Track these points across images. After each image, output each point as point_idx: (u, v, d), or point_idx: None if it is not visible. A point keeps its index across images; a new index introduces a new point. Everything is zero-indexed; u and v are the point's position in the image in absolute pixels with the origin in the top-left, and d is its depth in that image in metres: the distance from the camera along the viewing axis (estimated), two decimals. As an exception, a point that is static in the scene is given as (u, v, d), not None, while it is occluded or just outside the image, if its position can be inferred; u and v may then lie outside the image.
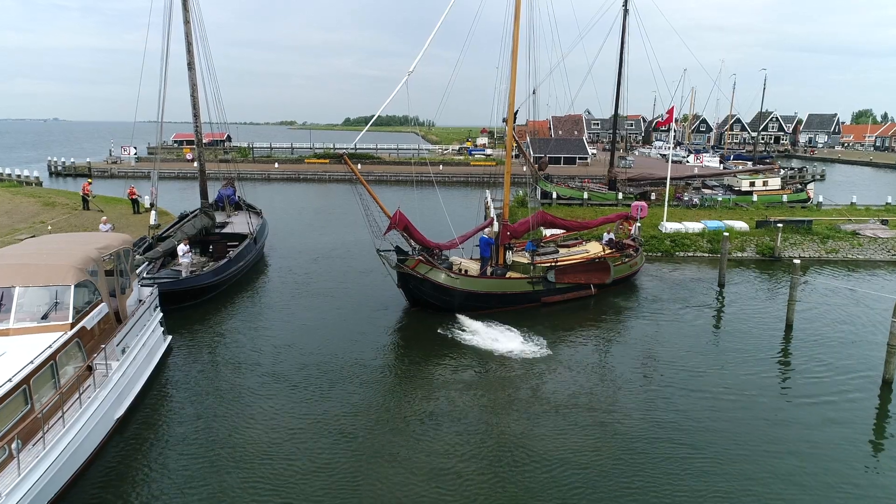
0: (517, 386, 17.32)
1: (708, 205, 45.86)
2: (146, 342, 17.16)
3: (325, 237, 37.78)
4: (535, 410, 15.92)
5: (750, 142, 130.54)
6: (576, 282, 25.45)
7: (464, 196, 60.22)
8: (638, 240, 30.07)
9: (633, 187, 49.30)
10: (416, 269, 22.50)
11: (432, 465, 13.45)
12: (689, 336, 21.47)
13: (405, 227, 22.37)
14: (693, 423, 15.44)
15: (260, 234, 31.54)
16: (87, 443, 12.97)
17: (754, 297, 26.25)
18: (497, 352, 19.70)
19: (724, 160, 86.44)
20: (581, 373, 18.25)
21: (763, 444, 14.52)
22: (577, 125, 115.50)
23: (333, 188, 67.05)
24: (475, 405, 16.19)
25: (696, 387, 17.44)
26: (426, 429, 14.94)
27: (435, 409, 15.91)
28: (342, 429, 14.82)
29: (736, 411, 16.01)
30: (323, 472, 13.12)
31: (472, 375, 18.04)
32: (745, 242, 34.11)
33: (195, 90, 29.09)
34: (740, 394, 17.04)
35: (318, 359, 19.04)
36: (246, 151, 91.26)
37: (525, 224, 26.02)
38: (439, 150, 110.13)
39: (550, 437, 14.59)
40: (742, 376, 18.22)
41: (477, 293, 23.26)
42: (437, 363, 18.98)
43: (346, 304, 24.54)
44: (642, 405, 16.32)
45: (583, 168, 75.09)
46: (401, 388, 17.38)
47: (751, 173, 53.26)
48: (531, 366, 18.60)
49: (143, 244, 26.84)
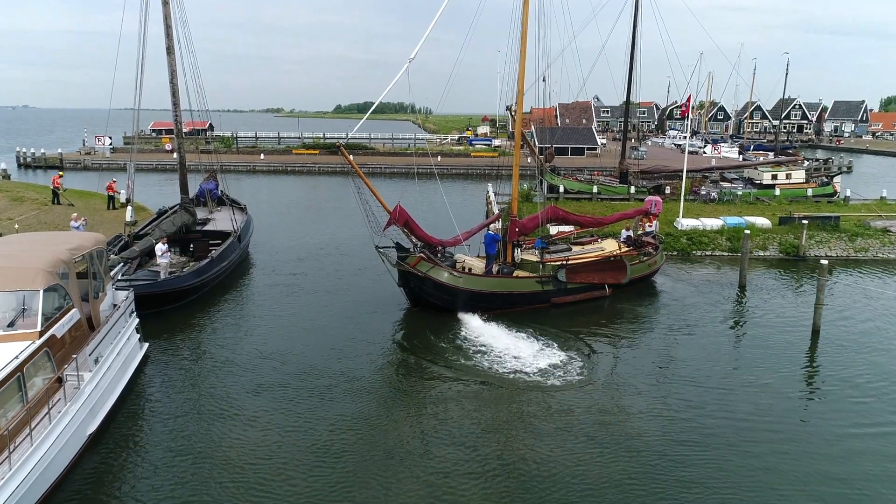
0: (523, 397, 17.19)
1: (727, 199, 45.77)
2: (121, 351, 16.99)
3: (315, 234, 37.68)
4: (542, 426, 15.79)
5: (771, 131, 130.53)
6: (589, 282, 25.34)
7: (464, 190, 60.18)
8: (658, 237, 29.96)
9: (647, 180, 49.15)
10: (417, 266, 22.51)
11: (429, 486, 13.30)
12: (708, 344, 21.36)
13: (405, 222, 22.37)
14: (714, 438, 15.30)
15: (245, 231, 31.44)
16: (56, 461, 12.82)
17: (778, 300, 26.18)
18: (501, 358, 19.59)
19: (743, 151, 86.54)
20: (593, 384, 18.13)
21: (794, 469, 14.26)
22: (586, 113, 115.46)
23: (324, 181, 66.94)
24: (477, 419, 16.05)
25: (717, 402, 17.27)
26: (422, 446, 14.78)
27: (432, 424, 15.77)
28: (329, 447, 14.64)
29: (761, 433, 15.63)
30: (307, 495, 12.97)
31: (473, 385, 17.92)
32: (768, 240, 34.01)
33: (174, 76, 28.91)
34: (766, 412, 16.80)
35: (306, 368, 18.91)
36: (229, 141, 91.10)
37: (534, 220, 25.95)
38: (437, 139, 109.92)
39: (560, 456, 14.45)
40: (766, 390, 18.04)
41: (481, 293, 23.26)
42: (436, 371, 18.87)
43: (337, 307, 24.46)
44: (658, 421, 16.16)
45: (592, 159, 74.99)
46: (395, 399, 17.26)
47: (773, 165, 53.13)
48: (539, 374, 18.48)
49: (118, 243, 26.73)
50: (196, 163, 37.09)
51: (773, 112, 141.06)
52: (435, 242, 23.93)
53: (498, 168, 34.76)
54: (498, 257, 25.43)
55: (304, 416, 16.08)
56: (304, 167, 74.29)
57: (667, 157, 74.68)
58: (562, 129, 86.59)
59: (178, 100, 29.22)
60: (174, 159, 58.10)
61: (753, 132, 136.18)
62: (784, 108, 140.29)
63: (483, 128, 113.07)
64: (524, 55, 24.08)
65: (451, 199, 51.63)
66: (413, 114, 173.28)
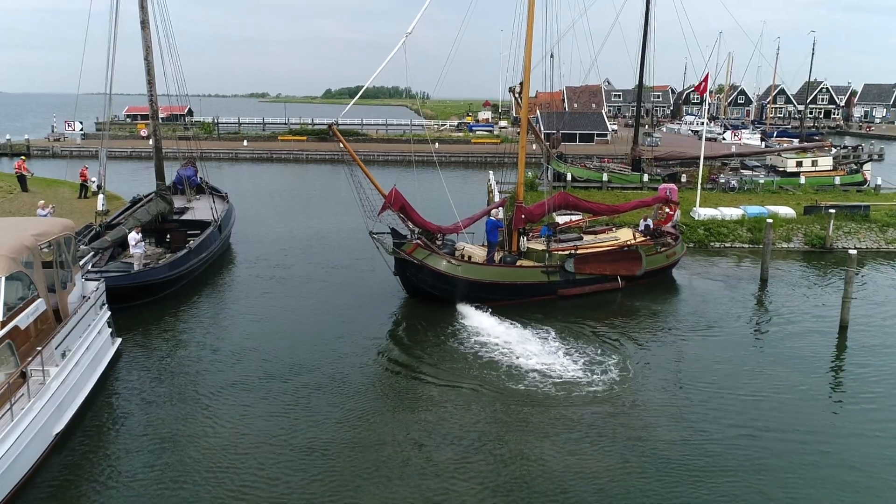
0: (524, 398, 17.12)
1: (748, 188, 45.79)
2: (91, 345, 16.94)
3: (302, 224, 37.75)
4: (545, 429, 15.74)
5: (796, 116, 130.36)
6: (600, 273, 25.34)
7: (464, 179, 60.21)
8: (678, 227, 29.84)
9: (661, 168, 49.17)
10: (414, 254, 22.66)
11: (421, 489, 13.26)
12: (728, 343, 21.26)
13: (402, 206, 22.50)
14: (736, 449, 15.19)
15: (225, 221, 31.45)
16: (19, 462, 12.75)
17: (803, 296, 26.18)
18: (501, 354, 19.58)
19: (766, 137, 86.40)
20: (602, 384, 18.04)
21: (825, 481, 14.09)
22: (596, 97, 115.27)
23: (312, 169, 67.00)
24: (475, 421, 15.99)
25: (738, 408, 17.09)
26: (414, 447, 14.74)
27: (427, 429, 15.70)
28: (314, 449, 14.58)
29: (789, 444, 15.32)
30: (289, 498, 12.93)
31: (471, 383, 17.89)
32: (792, 231, 34.05)
33: (150, 52, 28.80)
34: (792, 420, 16.65)
35: (290, 365, 18.88)
36: (210, 127, 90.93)
37: (542, 206, 26.01)
38: (435, 126, 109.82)
39: (564, 462, 14.39)
40: (791, 394, 17.91)
41: (482, 283, 23.40)
42: (429, 367, 18.85)
43: (325, 300, 24.50)
44: (675, 428, 16.02)
45: (602, 146, 74.96)
46: (385, 397, 17.26)
47: (797, 152, 53.09)
48: (541, 374, 18.41)
49: (88, 233, 26.69)
50: (174, 149, 37.08)
51: (798, 96, 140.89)
52: (433, 229, 24.06)
53: (502, 156, 34.64)
54: (502, 246, 25.49)
55: (288, 416, 16.03)
56: (290, 154, 74.21)
57: (683, 144, 74.55)
58: (569, 114, 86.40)
59: (153, 78, 29.09)
60: (150, 146, 57.73)
61: (777, 118, 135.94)
62: (810, 92, 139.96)
63: (484, 113, 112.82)
64: (531, 25, 24.06)
65: (452, 189, 51.55)
66: (410, 99, 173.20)
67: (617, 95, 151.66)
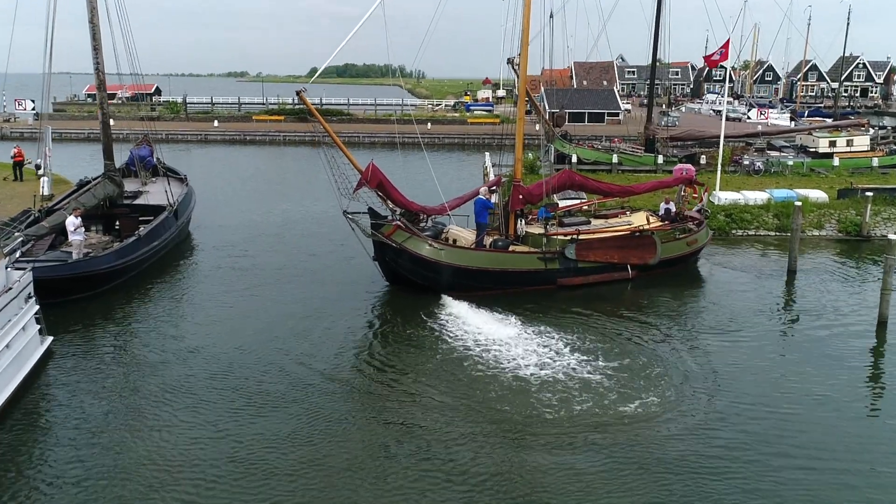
0: (512, 403, 16.43)
1: (775, 170, 45.43)
2: (12, 343, 16.38)
3: (274, 210, 37.62)
4: (537, 440, 15.14)
5: (829, 94, 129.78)
6: (606, 261, 24.99)
7: (459, 162, 60.01)
8: (704, 211, 29.27)
9: (678, 149, 48.64)
10: (393, 237, 22.54)
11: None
12: (752, 344, 20.55)
13: (379, 183, 22.39)
14: (762, 469, 14.57)
15: (183, 206, 31.00)
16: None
17: (836, 289, 25.67)
18: (486, 351, 19.14)
19: (796, 117, 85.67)
20: (603, 389, 17.37)
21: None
22: (607, 73, 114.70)
23: (289, 152, 67.03)
24: (458, 433, 15.39)
25: (764, 421, 16.35)
26: (390, 468, 14.20)
27: (402, 441, 15.15)
28: (264, 469, 13.92)
29: (822, 461, 14.78)
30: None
31: (450, 387, 17.23)
32: (824, 217, 33.70)
33: (95, 14, 27.98)
34: (826, 436, 15.88)
35: (249, 368, 18.28)
36: (178, 107, 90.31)
37: (541, 186, 25.69)
38: (429, 105, 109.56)
39: (557, 478, 13.78)
40: (824, 404, 17.20)
41: (468, 269, 23.35)
42: (407, 376, 18.13)
43: (290, 295, 24.08)
44: (689, 441, 15.37)
45: (613, 126, 74.33)
46: (355, 401, 16.65)
47: (831, 130, 52.56)
48: (532, 376, 17.78)
49: (26, 219, 26.00)
50: (137, 132, 36.52)
51: (831, 73, 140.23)
52: (416, 209, 24.08)
53: (500, 137, 34.00)
54: (497, 229, 25.38)
55: (244, 428, 15.40)
56: (266, 136, 74.09)
57: (703, 124, 73.88)
58: (575, 90, 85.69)
59: (99, 43, 28.33)
60: (111, 126, 57.42)
61: (808, 96, 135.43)
62: (845, 68, 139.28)
63: (484, 91, 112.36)
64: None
65: (445, 172, 51.13)
66: (402, 77, 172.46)
67: (631, 72, 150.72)
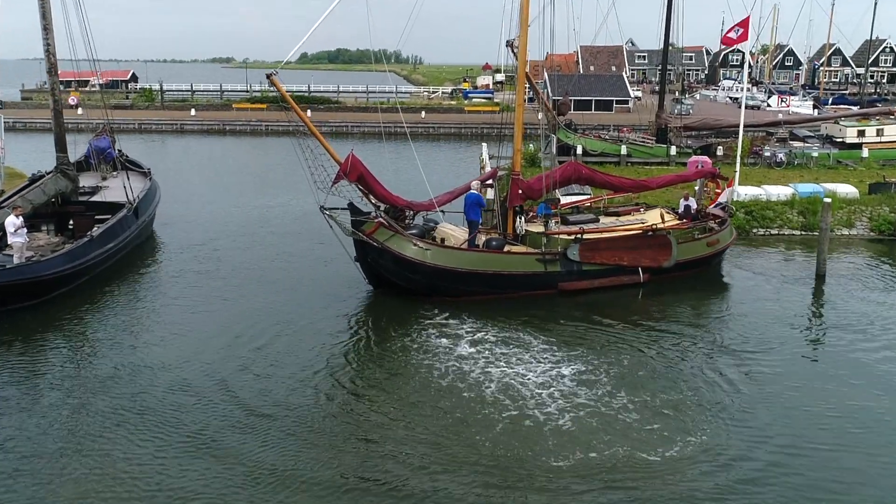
0: (508, 447, 15.29)
1: (799, 162, 45.17)
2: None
3: (250, 206, 37.32)
4: (532, 480, 14.14)
5: (854, 81, 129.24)
6: (615, 263, 24.39)
7: (455, 153, 59.52)
8: (729, 209, 28.75)
9: (693, 139, 48.48)
10: (375, 235, 22.16)
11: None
12: (775, 357, 19.63)
13: (360, 176, 21.94)
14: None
15: (146, 202, 30.18)
16: None
17: (868, 296, 24.84)
18: (476, 368, 18.33)
19: (819, 105, 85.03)
20: (609, 415, 16.44)
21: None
22: (616, 58, 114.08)
23: (271, 142, 66.96)
24: (440, 466, 14.46)
25: (791, 452, 15.41)
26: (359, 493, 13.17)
27: (374, 476, 14.19)
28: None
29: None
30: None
31: (436, 424, 16.09)
32: (854, 214, 33.15)
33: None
34: (862, 471, 15.01)
35: (209, 389, 17.39)
36: (152, 94, 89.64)
37: (541, 180, 25.07)
38: (425, 92, 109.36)
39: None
40: (865, 432, 16.25)
41: (456, 271, 22.90)
42: (381, 407, 16.96)
43: (260, 300, 23.40)
44: (710, 477, 14.42)
45: (622, 115, 73.77)
46: (321, 429, 15.65)
47: (859, 119, 52.28)
48: (528, 396, 16.90)
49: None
50: (97, 121, 35.76)
51: (857, 57, 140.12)
52: (402, 204, 23.83)
53: (500, 126, 33.26)
54: (495, 227, 25.10)
55: (192, 456, 14.47)
56: (247, 125, 74.20)
57: (719, 112, 73.32)
58: (580, 76, 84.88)
59: (50, 23, 27.46)
60: (79, 116, 56.48)
61: (831, 82, 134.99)
62: (871, 52, 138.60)
63: (484, 78, 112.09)
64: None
65: (438, 164, 50.48)
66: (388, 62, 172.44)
67: (641, 57, 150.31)
